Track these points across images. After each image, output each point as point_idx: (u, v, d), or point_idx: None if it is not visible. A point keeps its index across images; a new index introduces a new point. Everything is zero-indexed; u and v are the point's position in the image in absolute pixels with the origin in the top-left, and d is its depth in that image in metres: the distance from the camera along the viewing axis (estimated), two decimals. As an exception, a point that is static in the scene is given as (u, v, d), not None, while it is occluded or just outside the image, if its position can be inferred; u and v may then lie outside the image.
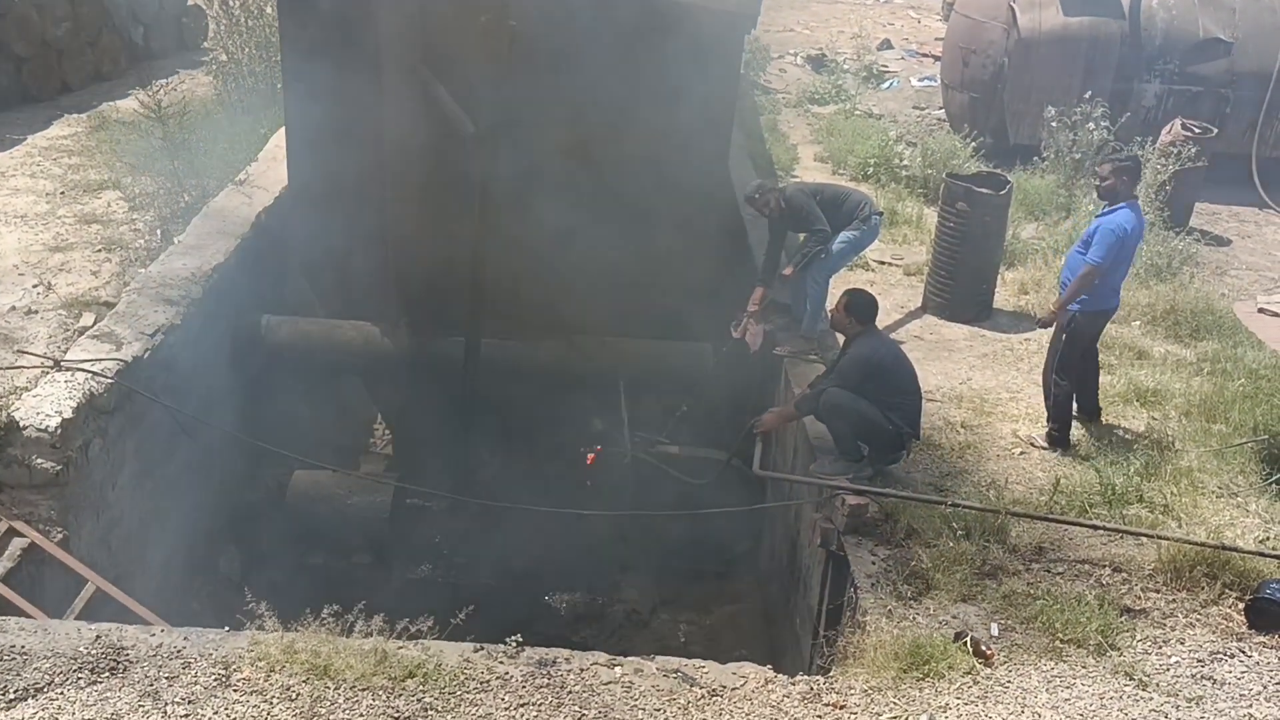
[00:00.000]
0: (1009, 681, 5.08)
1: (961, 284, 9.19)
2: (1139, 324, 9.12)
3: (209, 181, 9.55)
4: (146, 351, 6.89)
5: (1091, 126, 11.54)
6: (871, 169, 12.45)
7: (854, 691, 5.00)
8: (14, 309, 7.63)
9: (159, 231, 8.90)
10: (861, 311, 6.62)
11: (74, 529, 6.14)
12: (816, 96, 16.15)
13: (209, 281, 7.88)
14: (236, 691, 4.68)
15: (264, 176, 9.69)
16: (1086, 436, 7.35)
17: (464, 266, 7.62)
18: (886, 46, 18.91)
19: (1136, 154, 9.36)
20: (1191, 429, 7.45)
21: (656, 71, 7.61)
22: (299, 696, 4.67)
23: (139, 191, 9.49)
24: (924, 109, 15.83)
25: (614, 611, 8.27)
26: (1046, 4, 12.94)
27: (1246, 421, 7.42)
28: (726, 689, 4.97)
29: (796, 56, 18.26)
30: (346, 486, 8.01)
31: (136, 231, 9.00)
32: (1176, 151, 11.05)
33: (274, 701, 4.64)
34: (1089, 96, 11.86)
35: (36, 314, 7.61)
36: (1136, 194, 7.31)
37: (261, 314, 8.51)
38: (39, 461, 5.95)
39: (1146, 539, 6.11)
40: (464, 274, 7.66)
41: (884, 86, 17.01)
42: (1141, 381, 8.03)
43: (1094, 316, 7.25)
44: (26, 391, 6.32)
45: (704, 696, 4.91)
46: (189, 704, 4.61)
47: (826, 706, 4.89)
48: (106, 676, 4.73)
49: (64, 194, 9.78)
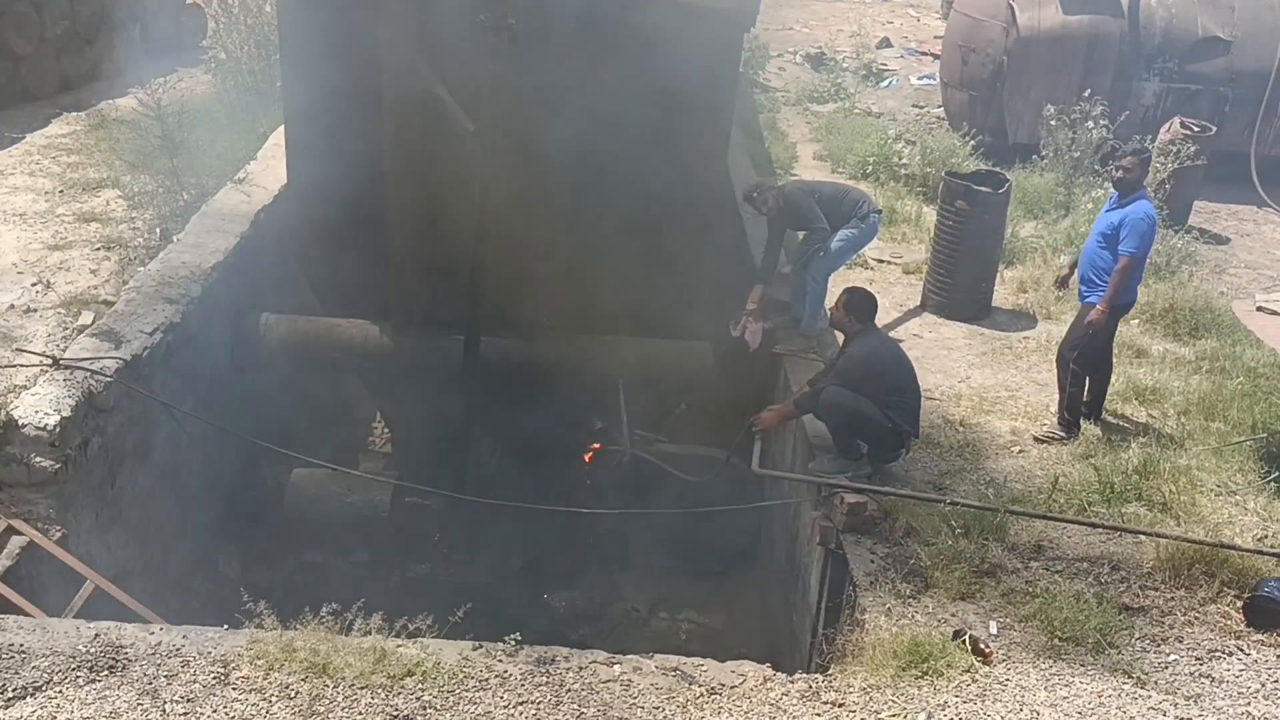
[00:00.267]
0: (1007, 679, 5.09)
1: (960, 282, 9.20)
2: (1138, 322, 9.13)
3: (208, 180, 9.54)
4: (145, 350, 6.89)
5: (1090, 125, 11.55)
6: (870, 167, 12.46)
7: (853, 689, 5.00)
8: (13, 307, 7.63)
9: (158, 230, 8.89)
10: (861, 310, 6.62)
11: (73, 527, 6.14)
12: (816, 95, 16.16)
13: (208, 280, 7.88)
14: (235, 690, 4.68)
15: (263, 175, 9.69)
16: (1086, 435, 7.36)
17: (463, 264, 7.63)
18: (886, 45, 18.91)
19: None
20: (1190, 427, 7.47)
21: (656, 69, 7.61)
22: (298, 695, 4.68)
23: (138, 190, 9.47)
24: (923, 107, 15.84)
25: (613, 610, 8.28)
26: (1046, 2, 12.95)
27: (1245, 419, 7.44)
28: (725, 687, 4.98)
29: (796, 55, 18.25)
30: (345, 485, 8.01)
31: (135, 230, 8.99)
32: (1175, 150, 11.07)
33: (273, 700, 4.64)
34: (1088, 95, 11.87)
35: (35, 312, 7.60)
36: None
37: (260, 312, 8.51)
38: (38, 460, 5.96)
39: (1145, 537, 6.11)
40: (463, 272, 7.66)
41: (883, 85, 17.01)
42: (1140, 380, 8.05)
43: (1116, 310, 7.34)
44: (25, 390, 6.31)
45: (703, 694, 4.92)
46: (188, 702, 4.61)
47: (825, 704, 4.89)
48: (105, 675, 4.73)
49: (63, 192, 9.76)
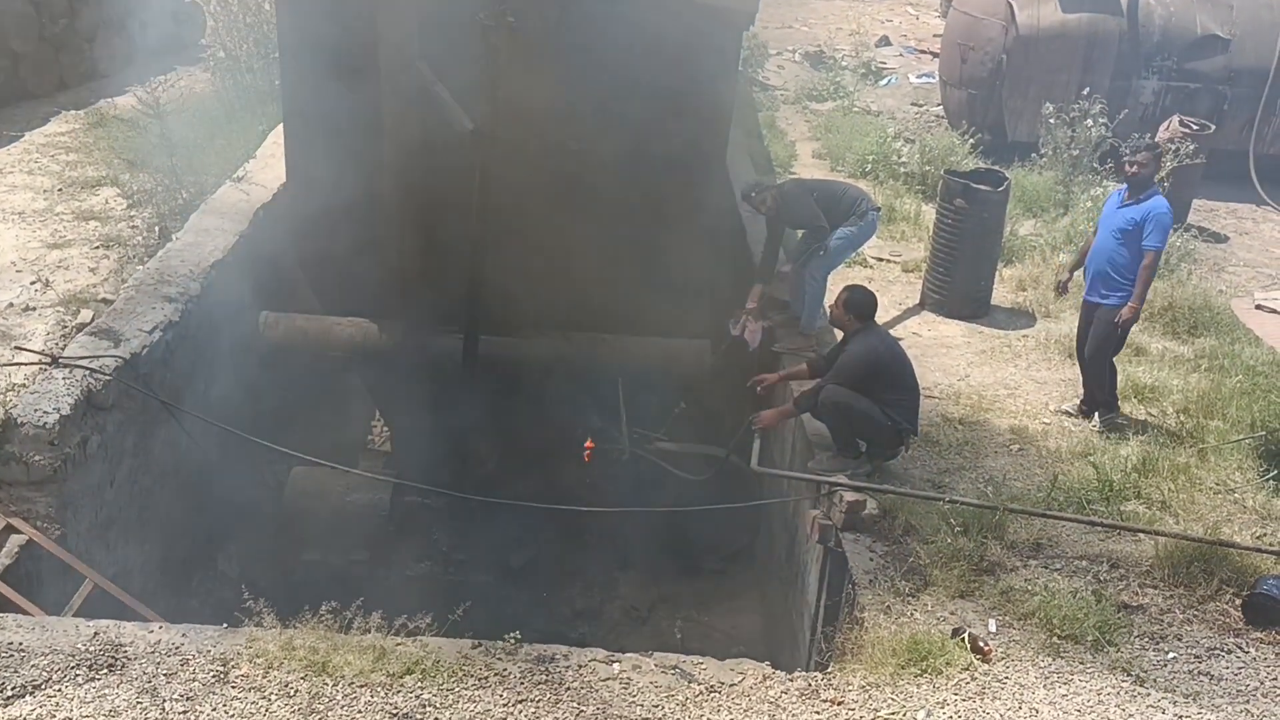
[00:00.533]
0: (1006, 677, 5.09)
1: (959, 281, 9.20)
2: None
3: (207, 178, 9.53)
4: (144, 348, 6.89)
5: (1089, 123, 11.54)
6: (870, 166, 12.45)
7: (852, 687, 5.00)
8: (12, 306, 7.62)
9: (157, 228, 8.88)
10: (860, 308, 6.61)
11: (72, 526, 6.14)
12: (815, 93, 16.15)
13: (207, 278, 7.88)
14: (235, 688, 4.68)
15: (262, 173, 9.68)
16: (1085, 433, 7.36)
17: (462, 263, 7.62)
18: (885, 43, 18.90)
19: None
20: (1189, 425, 7.47)
21: (654, 68, 7.61)
22: (297, 693, 4.68)
23: (137, 188, 9.46)
24: (922, 106, 15.83)
25: (612, 608, 8.29)
26: (1045, 1, 12.95)
27: (1244, 418, 7.45)
28: (725, 685, 4.98)
29: (795, 53, 18.24)
30: (345, 483, 8.00)
31: (134, 228, 8.98)
32: (1174, 148, 11.07)
33: (272, 698, 4.64)
34: (1087, 93, 11.87)
35: (34, 311, 7.59)
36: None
37: (260, 310, 8.51)
38: (37, 458, 5.95)
39: (1144, 535, 6.12)
40: (462, 270, 7.66)
41: (882, 83, 17.00)
42: (1139, 378, 8.05)
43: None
44: (24, 388, 6.31)
45: (702, 693, 4.92)
46: (187, 701, 4.61)
47: (824, 703, 4.90)
48: (104, 673, 4.73)
49: (62, 191, 9.75)
